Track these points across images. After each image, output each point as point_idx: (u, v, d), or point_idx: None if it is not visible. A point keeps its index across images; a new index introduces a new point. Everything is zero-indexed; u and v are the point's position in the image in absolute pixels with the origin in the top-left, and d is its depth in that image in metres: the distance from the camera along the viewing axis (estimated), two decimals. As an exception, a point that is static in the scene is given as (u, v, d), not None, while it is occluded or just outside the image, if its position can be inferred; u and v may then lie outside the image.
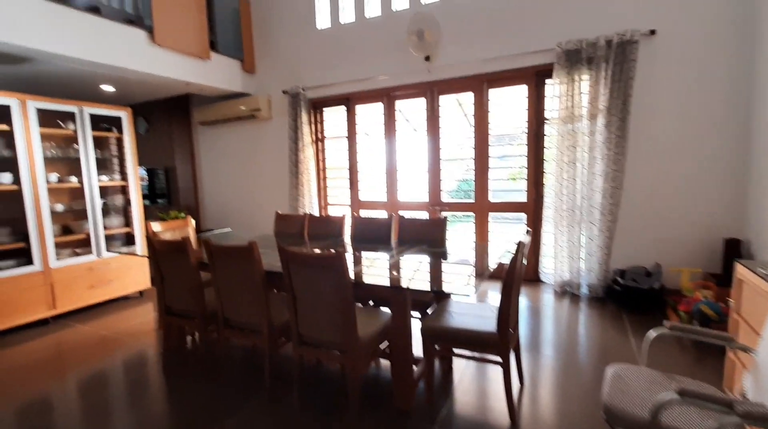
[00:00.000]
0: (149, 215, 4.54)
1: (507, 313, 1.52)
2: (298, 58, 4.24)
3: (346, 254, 1.94)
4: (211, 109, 4.65)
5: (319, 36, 4.09)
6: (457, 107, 3.64)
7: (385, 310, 1.89)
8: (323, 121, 4.32)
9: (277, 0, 4.30)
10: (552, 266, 3.22)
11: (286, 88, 4.29)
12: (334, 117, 4.25)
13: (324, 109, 4.27)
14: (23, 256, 2.90)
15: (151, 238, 2.13)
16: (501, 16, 3.23)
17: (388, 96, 3.85)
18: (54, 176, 3.07)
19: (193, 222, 3.14)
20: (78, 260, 3.15)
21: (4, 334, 2.83)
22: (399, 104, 3.84)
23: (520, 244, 1.56)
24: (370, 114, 4.02)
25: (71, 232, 3.24)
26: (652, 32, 2.75)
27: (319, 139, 4.34)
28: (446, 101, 3.62)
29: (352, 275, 1.69)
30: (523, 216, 3.43)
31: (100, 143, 3.45)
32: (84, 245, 3.33)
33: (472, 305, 1.89)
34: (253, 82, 4.55)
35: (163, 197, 5.31)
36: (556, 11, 3.03)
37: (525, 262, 1.75)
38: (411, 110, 3.82)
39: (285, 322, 1.89)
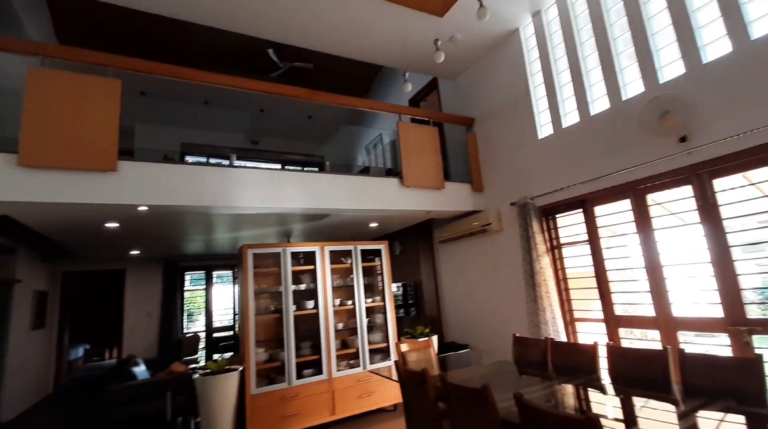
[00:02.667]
0: (402, 327, 5.13)
1: None
2: (523, 170, 4.30)
3: (608, 403, 1.54)
4: (447, 228, 5.17)
5: (542, 145, 4.08)
6: (747, 187, 2.70)
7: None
8: (557, 228, 4.03)
9: (498, 126, 4.68)
10: None
11: (513, 200, 4.34)
12: (569, 221, 3.91)
13: (556, 215, 4.02)
14: (315, 366, 3.72)
15: (399, 365, 2.34)
16: (795, 63, 2.39)
17: (634, 190, 3.29)
18: (337, 301, 3.96)
19: (435, 342, 3.31)
20: (351, 371, 3.77)
21: (303, 432, 3.55)
22: (652, 197, 3.19)
23: None
24: (614, 212, 3.48)
25: (347, 347, 3.98)
26: None
27: (554, 247, 4.03)
28: (725, 183, 2.76)
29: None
30: None
31: (366, 271, 4.31)
32: (354, 358, 4.00)
33: None
34: (483, 199, 4.85)
35: (413, 306, 5.98)
36: None
37: None
38: (670, 200, 3.09)
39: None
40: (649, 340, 3.33)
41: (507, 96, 4.56)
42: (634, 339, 3.42)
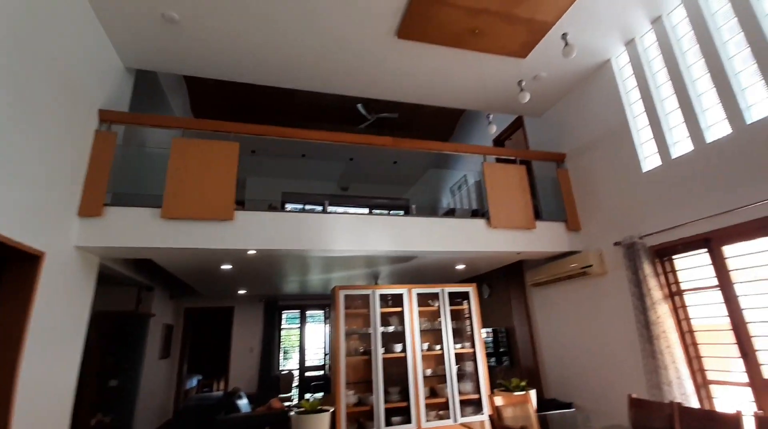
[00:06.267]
0: (494, 378, 4.77)
1: None
2: (626, 205, 3.91)
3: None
4: (541, 270, 4.83)
5: (648, 178, 3.69)
6: None
7: None
8: (675, 271, 3.51)
9: (594, 160, 4.38)
10: None
11: (617, 239, 3.93)
12: (691, 263, 3.38)
13: (673, 256, 3.52)
14: (404, 414, 3.62)
15: (494, 421, 2.18)
16: None
17: (776, 226, 2.76)
18: (425, 345, 3.88)
19: (533, 397, 3.02)
20: (441, 423, 3.59)
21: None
22: (803, 234, 2.63)
23: None
24: (752, 253, 2.93)
25: (436, 395, 3.82)
26: None
27: (674, 293, 3.49)
28: None
29: None
30: None
31: (453, 314, 4.18)
32: (443, 408, 3.81)
33: None
34: (580, 239, 4.48)
35: (506, 355, 5.55)
36: None
37: None
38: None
39: None
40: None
41: (602, 128, 4.29)
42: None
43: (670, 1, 3.49)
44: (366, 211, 7.33)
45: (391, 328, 3.97)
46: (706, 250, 3.23)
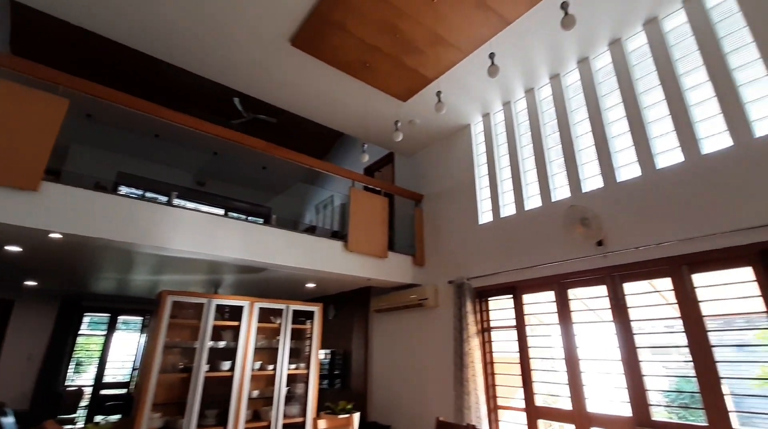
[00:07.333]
0: (324, 400, 4.76)
1: None
2: (463, 251, 4.52)
3: None
4: (384, 298, 5.14)
5: (482, 230, 4.36)
6: (652, 293, 3.03)
7: None
8: (488, 310, 4.17)
9: (445, 206, 4.97)
10: None
11: (451, 278, 4.48)
12: (500, 305, 4.07)
13: (489, 298, 4.18)
14: (220, 440, 3.28)
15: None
16: (692, 190, 2.86)
17: (558, 283, 3.55)
18: (258, 364, 3.65)
19: (356, 420, 3.10)
20: (258, 449, 3.36)
21: None
22: (573, 292, 3.45)
23: None
24: (540, 302, 3.70)
25: (259, 419, 3.59)
26: None
27: (484, 329, 4.12)
28: (635, 287, 3.09)
29: None
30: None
31: (295, 333, 4.07)
32: (266, 432, 3.60)
33: None
34: (423, 274, 4.95)
35: (339, 377, 5.62)
36: None
37: None
38: (590, 297, 3.37)
39: None
40: (566, 434, 3.38)
41: (455, 181, 4.92)
42: (551, 432, 3.44)
43: (517, 92, 4.32)
44: (221, 212, 6.73)
45: (222, 344, 3.62)
46: (511, 295, 3.94)
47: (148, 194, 6.03)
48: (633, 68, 3.43)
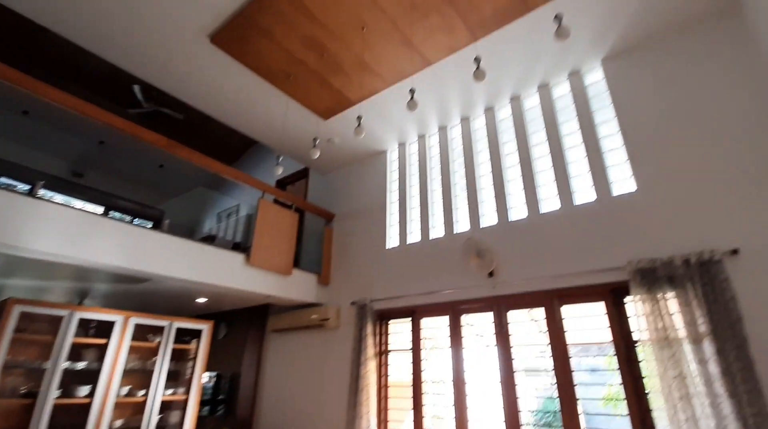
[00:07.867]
0: (202, 430, 4.30)
1: None
2: (368, 272, 4.58)
3: None
4: (284, 317, 4.91)
5: (388, 254, 4.48)
6: (529, 321, 3.41)
7: None
8: (388, 333, 4.25)
9: (355, 227, 5.01)
10: None
11: (354, 299, 4.49)
12: (400, 329, 4.19)
13: (390, 321, 4.27)
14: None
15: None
16: (565, 233, 3.32)
17: (453, 309, 3.80)
18: (125, 389, 3.17)
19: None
20: (113, 490, 2.88)
21: None
22: (466, 318, 3.72)
23: None
24: (436, 327, 3.90)
25: (119, 454, 3.09)
26: (735, 252, 2.56)
27: (382, 352, 4.18)
28: (516, 316, 3.44)
29: None
30: (639, 471, 2.61)
31: (176, 354, 3.65)
32: (126, 470, 3.10)
33: None
34: (326, 293, 4.87)
35: (223, 403, 5.13)
36: (624, 230, 3.05)
37: None
38: (479, 324, 3.65)
39: None
40: (448, 455, 3.54)
41: (367, 203, 5.02)
42: (436, 454, 3.58)
43: (432, 128, 4.64)
44: (100, 210, 5.87)
45: (81, 365, 3.06)
46: (410, 319, 4.08)
47: (3, 180, 5.01)
48: (528, 123, 3.94)
